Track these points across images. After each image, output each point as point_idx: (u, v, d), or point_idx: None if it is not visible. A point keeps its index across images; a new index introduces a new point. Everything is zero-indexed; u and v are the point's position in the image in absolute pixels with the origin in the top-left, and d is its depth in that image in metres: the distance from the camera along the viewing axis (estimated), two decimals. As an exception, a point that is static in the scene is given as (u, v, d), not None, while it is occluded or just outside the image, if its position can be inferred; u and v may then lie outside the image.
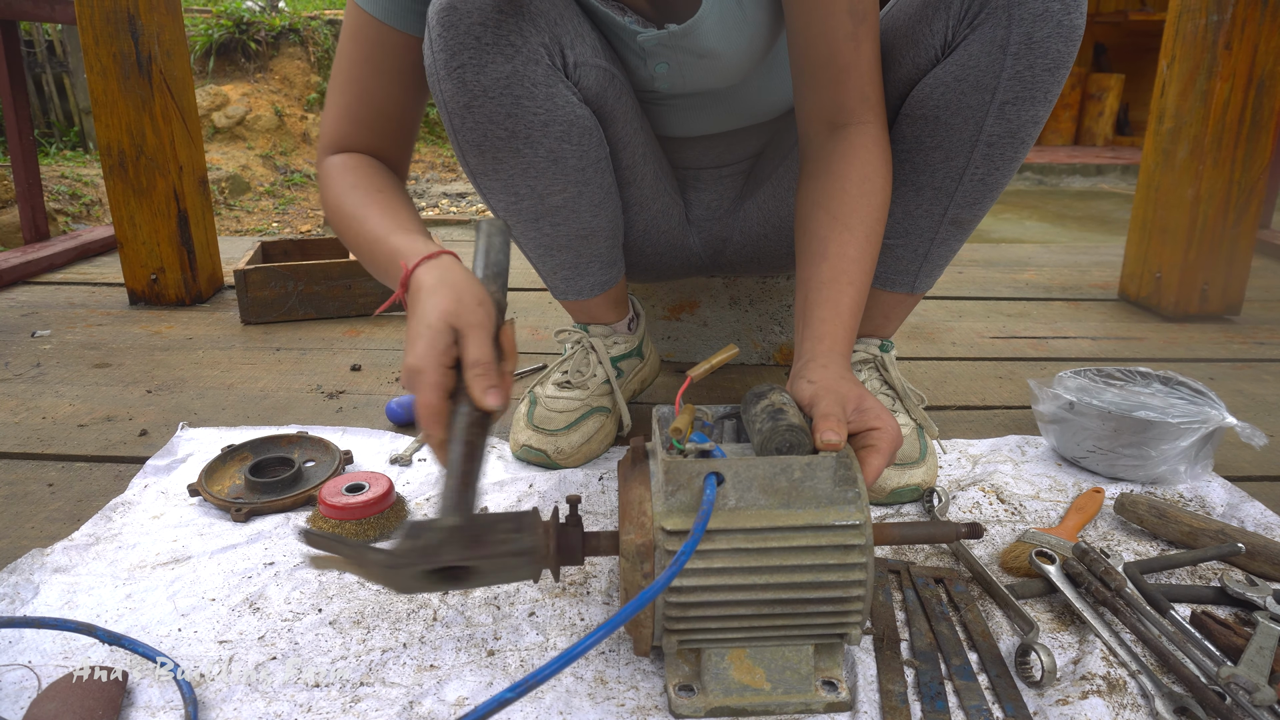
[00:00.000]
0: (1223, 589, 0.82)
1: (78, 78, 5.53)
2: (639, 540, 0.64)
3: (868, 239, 0.85)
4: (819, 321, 0.83)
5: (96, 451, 1.13)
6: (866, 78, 0.87)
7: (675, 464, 0.65)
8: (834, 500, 0.65)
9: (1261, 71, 1.67)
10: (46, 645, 0.74)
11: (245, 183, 5.22)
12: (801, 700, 0.68)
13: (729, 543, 0.64)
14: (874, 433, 0.72)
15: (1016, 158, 0.92)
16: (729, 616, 0.66)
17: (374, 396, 1.33)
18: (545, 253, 1.02)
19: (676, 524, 0.63)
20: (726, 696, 0.68)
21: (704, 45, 0.92)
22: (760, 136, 1.15)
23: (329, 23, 6.41)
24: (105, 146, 1.75)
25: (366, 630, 0.77)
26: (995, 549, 0.91)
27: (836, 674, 0.69)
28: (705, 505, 0.62)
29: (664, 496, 0.65)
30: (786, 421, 0.69)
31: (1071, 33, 0.83)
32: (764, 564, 0.64)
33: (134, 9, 1.67)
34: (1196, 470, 1.05)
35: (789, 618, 0.66)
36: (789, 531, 0.64)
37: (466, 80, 0.84)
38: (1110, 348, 1.65)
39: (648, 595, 0.58)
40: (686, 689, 0.68)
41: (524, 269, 2.18)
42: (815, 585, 0.65)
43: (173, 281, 1.84)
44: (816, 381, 0.75)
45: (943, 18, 0.87)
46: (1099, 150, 7.18)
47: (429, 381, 0.65)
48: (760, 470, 0.65)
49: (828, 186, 0.87)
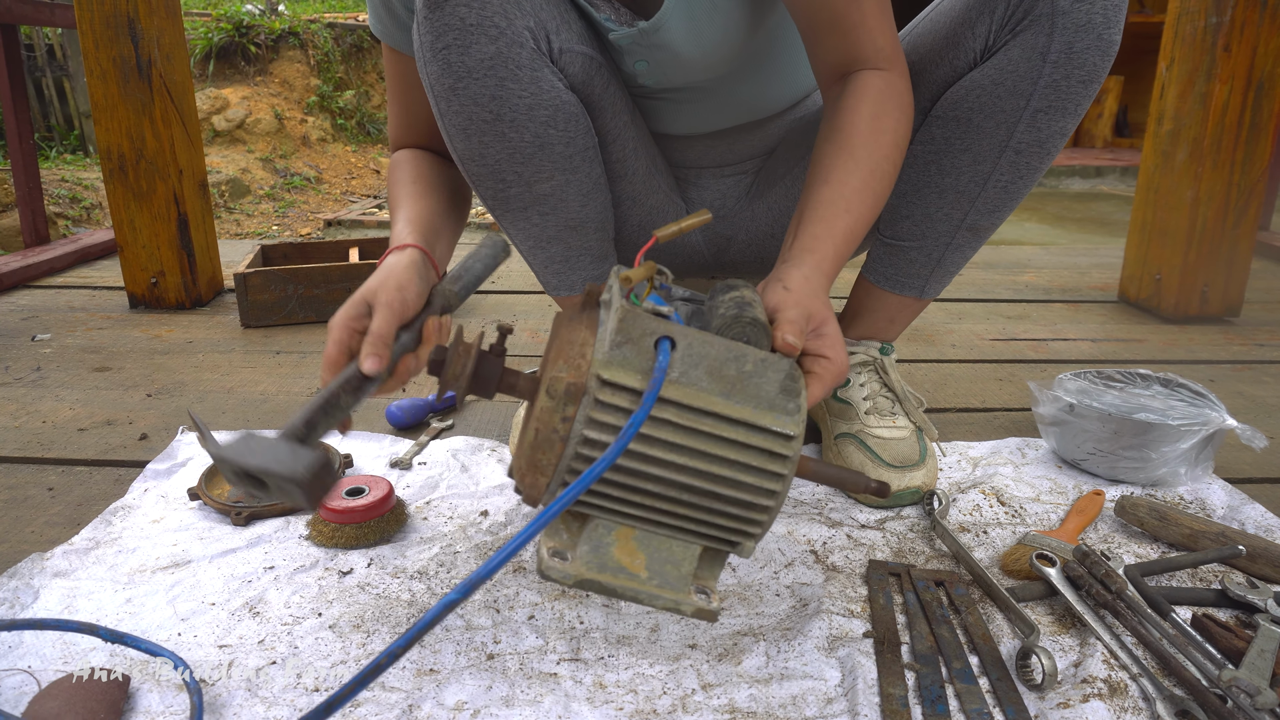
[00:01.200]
0: (1224, 591, 0.82)
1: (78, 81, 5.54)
2: (571, 379, 0.60)
3: (873, 173, 0.83)
4: (810, 237, 0.80)
5: (96, 455, 1.13)
6: (876, 29, 0.85)
7: (631, 313, 0.61)
8: (774, 406, 0.63)
9: (1260, 74, 1.67)
10: (47, 650, 0.74)
11: (245, 186, 5.22)
12: (673, 598, 0.65)
13: (659, 412, 0.60)
14: (822, 360, 0.70)
15: (1041, 168, 0.92)
16: (634, 489, 0.62)
17: (374, 400, 1.33)
18: (536, 245, 1.03)
19: (615, 376, 0.59)
20: (600, 572, 0.64)
21: (671, 40, 0.92)
22: (763, 138, 1.15)
23: (328, 25, 6.42)
24: (105, 150, 1.75)
25: (366, 634, 0.77)
26: (996, 552, 0.91)
27: (711, 584, 0.67)
28: (658, 372, 0.59)
29: (610, 345, 0.60)
30: (751, 314, 0.66)
31: (1109, 47, 0.84)
32: (688, 444, 0.61)
33: (134, 13, 1.68)
34: (1197, 472, 1.05)
35: (693, 509, 0.64)
36: (722, 421, 0.61)
37: (451, 61, 0.84)
38: (1110, 349, 1.65)
39: (603, 464, 0.55)
40: (560, 555, 0.64)
41: (524, 272, 2.19)
42: (730, 483, 0.62)
43: (173, 285, 1.84)
44: (791, 289, 0.73)
45: (985, 22, 0.87)
46: (1098, 152, 7.18)
47: (332, 338, 0.75)
48: (714, 350, 0.62)
49: (837, 121, 0.85)
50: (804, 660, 0.74)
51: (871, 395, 1.07)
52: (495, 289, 2.05)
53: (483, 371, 0.64)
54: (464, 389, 0.64)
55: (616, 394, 0.60)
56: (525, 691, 0.70)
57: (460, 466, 1.09)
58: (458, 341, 0.64)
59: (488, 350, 0.65)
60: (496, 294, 2.01)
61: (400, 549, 0.90)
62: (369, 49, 6.64)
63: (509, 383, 0.65)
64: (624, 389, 0.60)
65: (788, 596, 0.83)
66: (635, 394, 0.60)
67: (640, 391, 0.60)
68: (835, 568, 0.88)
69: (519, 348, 1.61)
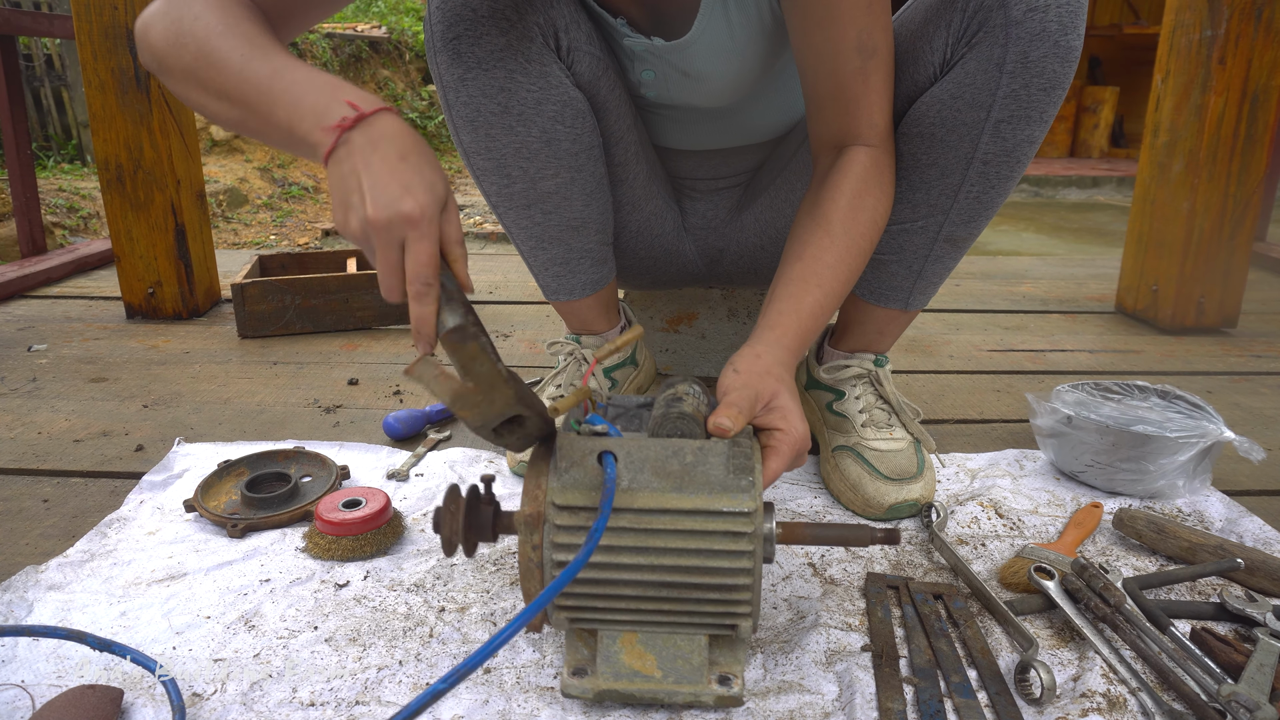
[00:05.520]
0: (1222, 605, 0.81)
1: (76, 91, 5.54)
2: (529, 511, 0.64)
3: (849, 249, 0.85)
4: (775, 313, 0.82)
5: (92, 467, 1.13)
6: (875, 107, 0.88)
7: (568, 441, 0.66)
8: (726, 487, 0.65)
9: (1255, 86, 1.68)
10: (40, 665, 0.73)
11: (243, 195, 5.22)
12: (691, 691, 0.67)
13: (618, 521, 0.64)
14: (776, 433, 0.72)
15: (1012, 177, 0.92)
16: (616, 596, 0.66)
17: (371, 411, 1.33)
18: (537, 245, 1.03)
19: (567, 499, 0.64)
20: (616, 681, 0.67)
21: (691, 66, 0.93)
22: (757, 154, 1.15)
23: (326, 36, 6.44)
24: (103, 161, 1.75)
25: (362, 648, 0.76)
26: (994, 564, 0.91)
27: (735, 669, 0.69)
28: (608, 484, 0.62)
29: (557, 472, 0.65)
30: (678, 410, 0.70)
31: (1068, 53, 0.83)
32: (651, 544, 0.64)
33: (132, 24, 1.67)
34: (1195, 485, 1.05)
35: (676, 603, 0.66)
36: (678, 515, 0.64)
37: (462, 51, 0.85)
38: (1107, 360, 1.65)
39: (567, 574, 0.57)
40: (581, 671, 0.68)
41: (521, 281, 2.19)
42: (702, 570, 0.65)
43: (170, 295, 1.84)
44: (741, 371, 0.75)
45: (943, 36, 0.87)
46: (1094, 162, 7.21)
47: (430, 233, 0.61)
48: (652, 451, 0.65)
49: (820, 195, 0.88)
50: (802, 674, 0.74)
51: (867, 408, 1.07)
52: (492, 299, 2.05)
53: (477, 521, 0.66)
54: (465, 543, 0.66)
55: (574, 515, 0.64)
56: (522, 706, 0.70)
57: (458, 478, 1.08)
58: (448, 499, 0.65)
59: (477, 498, 0.67)
60: (494, 304, 2.01)
61: (397, 561, 0.90)
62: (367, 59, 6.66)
63: (505, 524, 0.68)
64: (579, 509, 0.64)
65: (785, 609, 0.83)
66: (590, 510, 0.64)
67: (593, 508, 0.64)
68: (833, 580, 0.88)
69: (517, 358, 1.61)
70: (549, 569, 0.65)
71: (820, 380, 1.12)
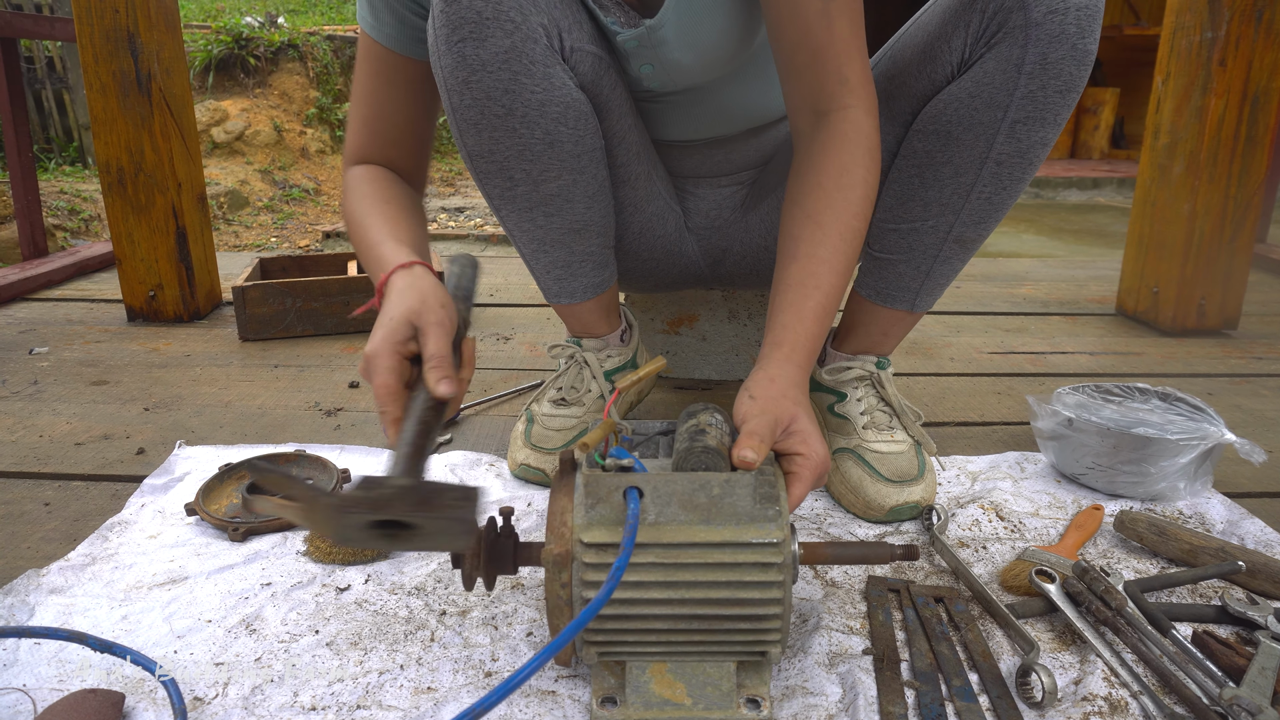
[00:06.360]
0: (1224, 608, 0.81)
1: (77, 93, 5.55)
2: (558, 550, 0.65)
3: (842, 236, 0.84)
4: (780, 327, 0.82)
5: (93, 470, 1.13)
6: (843, 57, 0.86)
7: (594, 478, 0.67)
8: (754, 518, 0.66)
9: (1256, 87, 1.68)
10: (41, 669, 0.73)
11: (244, 198, 5.23)
12: (722, 716, 0.67)
13: (646, 557, 0.64)
14: (797, 459, 0.73)
15: (1024, 178, 0.92)
16: (646, 630, 0.66)
17: (372, 414, 1.33)
18: (539, 248, 1.03)
19: (595, 536, 0.64)
20: (646, 710, 0.68)
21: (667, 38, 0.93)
22: (759, 147, 1.15)
23: (328, 38, 6.44)
24: (104, 164, 1.75)
25: (364, 652, 0.77)
26: (995, 567, 0.91)
27: (762, 692, 0.69)
28: (631, 519, 0.63)
29: (584, 509, 0.66)
30: (702, 444, 0.70)
31: (1085, 57, 0.84)
32: (681, 579, 0.65)
33: (134, 27, 1.68)
34: (1196, 487, 1.05)
35: (706, 633, 0.66)
36: (707, 548, 0.65)
37: (466, 54, 0.85)
38: (1108, 363, 1.65)
39: (588, 613, 0.58)
40: (610, 701, 0.69)
41: (522, 285, 2.19)
42: (732, 602, 0.65)
43: (171, 298, 1.84)
44: (757, 397, 0.75)
45: (961, 35, 0.88)
46: (1095, 164, 7.21)
47: (384, 365, 0.70)
48: (678, 486, 0.66)
49: (806, 182, 0.87)
50: (804, 677, 0.74)
51: (869, 410, 1.07)
52: (493, 302, 2.05)
53: (497, 553, 0.68)
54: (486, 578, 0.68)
55: (601, 552, 0.64)
56: (523, 710, 0.70)
57: (458, 481, 1.08)
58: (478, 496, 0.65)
59: (497, 533, 0.69)
60: (495, 307, 2.01)
61: (398, 565, 0.90)
62: (368, 61, 6.66)
63: (525, 556, 0.69)
64: (606, 546, 0.64)
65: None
66: (617, 547, 0.64)
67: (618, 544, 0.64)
68: (834, 583, 0.88)
69: (517, 361, 1.61)
70: (578, 606, 0.65)
71: (822, 382, 1.12)
